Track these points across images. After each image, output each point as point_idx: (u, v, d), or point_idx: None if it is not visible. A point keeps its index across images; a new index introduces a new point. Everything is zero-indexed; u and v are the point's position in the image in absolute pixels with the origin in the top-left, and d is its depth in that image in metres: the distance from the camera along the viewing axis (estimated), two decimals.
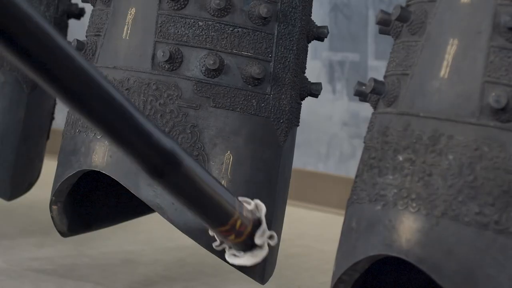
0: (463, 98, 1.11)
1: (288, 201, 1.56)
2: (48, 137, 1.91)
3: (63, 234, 1.59)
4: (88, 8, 1.76)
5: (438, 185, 1.09)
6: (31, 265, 1.70)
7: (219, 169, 1.40)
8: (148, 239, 2.03)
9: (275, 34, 1.45)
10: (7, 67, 1.77)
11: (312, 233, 2.34)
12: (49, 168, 2.17)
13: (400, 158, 1.13)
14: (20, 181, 1.84)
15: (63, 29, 1.89)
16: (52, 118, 1.92)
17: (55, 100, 1.92)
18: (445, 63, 1.14)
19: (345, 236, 1.20)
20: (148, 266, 1.80)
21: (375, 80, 1.21)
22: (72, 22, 2.00)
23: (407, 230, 1.10)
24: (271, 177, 1.45)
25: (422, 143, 1.12)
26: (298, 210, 2.62)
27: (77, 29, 2.37)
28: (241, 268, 1.44)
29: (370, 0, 2.71)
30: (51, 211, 1.54)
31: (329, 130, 2.79)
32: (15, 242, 1.87)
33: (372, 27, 2.71)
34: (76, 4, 1.91)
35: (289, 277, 1.78)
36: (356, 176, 1.22)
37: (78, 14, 1.91)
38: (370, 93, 1.22)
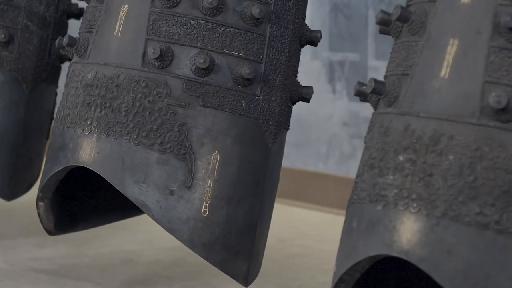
0: (463, 98, 1.11)
1: (289, 201, 1.56)
2: (48, 137, 1.91)
3: (50, 233, 1.58)
4: None
5: (439, 185, 1.09)
6: (31, 265, 1.70)
7: (205, 168, 1.40)
8: (148, 239, 2.03)
9: (267, 35, 1.45)
10: (7, 67, 1.77)
11: (312, 233, 2.34)
12: None
13: (401, 158, 1.13)
14: (20, 181, 1.84)
15: (63, 29, 1.89)
16: (52, 118, 1.92)
17: (55, 100, 1.92)
18: (445, 63, 1.14)
19: (346, 236, 1.20)
20: (148, 266, 1.79)
21: (376, 80, 1.21)
22: (72, 22, 2.00)
23: (407, 230, 1.10)
24: (258, 178, 1.45)
25: (423, 143, 1.12)
26: (298, 210, 2.62)
27: (77, 29, 2.37)
28: (225, 270, 1.43)
29: (370, 0, 2.71)
30: (37, 207, 1.54)
31: (329, 130, 2.79)
32: (15, 242, 1.87)
33: (372, 27, 2.71)
34: (76, 4, 1.91)
35: (289, 277, 1.78)
36: (357, 176, 1.22)
37: (78, 14, 1.91)
38: (370, 93, 1.22)
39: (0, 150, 1.78)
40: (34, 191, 1.95)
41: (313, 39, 1.53)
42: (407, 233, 1.10)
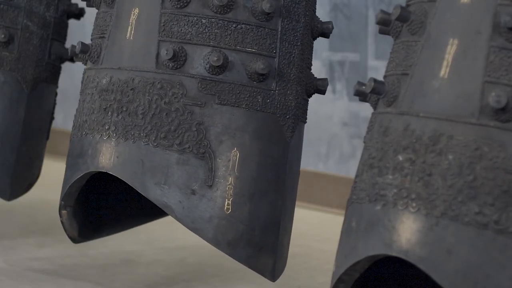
0: (463, 98, 1.11)
1: None
2: (48, 137, 1.91)
3: (74, 240, 1.59)
4: (88, 8, 1.76)
5: (438, 185, 1.09)
6: (31, 265, 1.70)
7: (226, 166, 1.40)
8: (148, 239, 2.03)
9: (279, 29, 1.45)
10: (7, 67, 1.77)
11: (312, 233, 2.34)
12: (49, 168, 2.17)
13: (400, 158, 1.13)
14: (20, 181, 1.84)
15: (63, 29, 1.89)
16: (52, 118, 1.92)
17: (55, 100, 1.92)
18: (445, 63, 1.14)
19: (345, 236, 1.21)
20: (148, 266, 1.80)
21: (375, 80, 1.21)
22: (72, 22, 2.00)
23: (407, 230, 1.10)
24: (279, 173, 1.45)
25: (422, 143, 1.12)
26: (298, 210, 2.62)
27: (77, 29, 2.37)
28: (251, 266, 1.44)
29: (370, 0, 2.71)
30: (60, 216, 1.54)
31: (329, 130, 2.79)
32: (15, 242, 1.87)
33: (372, 27, 2.71)
34: (76, 4, 1.91)
35: (289, 277, 1.78)
36: (356, 176, 1.22)
37: (78, 14, 1.91)
38: (370, 93, 1.22)
39: (0, 150, 1.78)
40: (34, 191, 1.96)
41: (324, 31, 1.53)
42: (406, 233, 1.10)
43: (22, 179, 1.85)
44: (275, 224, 1.45)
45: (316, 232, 2.35)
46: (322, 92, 1.54)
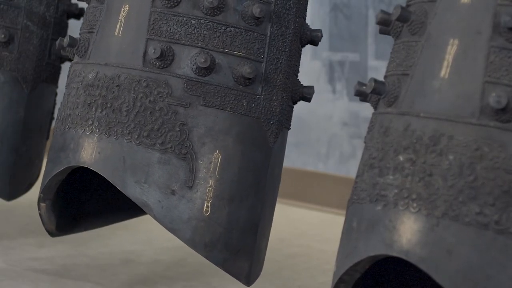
0: (463, 98, 1.11)
1: (288, 201, 1.56)
2: (48, 137, 1.91)
3: (51, 234, 1.59)
4: None
5: (439, 185, 1.09)
6: (31, 265, 1.70)
7: (207, 168, 1.40)
8: (148, 239, 2.03)
9: (268, 35, 1.45)
10: (7, 67, 1.77)
11: (312, 233, 2.34)
12: None
13: (401, 158, 1.13)
14: (20, 181, 1.84)
15: (63, 29, 1.89)
16: (52, 118, 1.92)
17: (55, 100, 1.92)
18: (445, 63, 1.14)
19: (346, 236, 1.21)
20: (148, 266, 1.80)
21: (376, 80, 1.21)
22: (72, 22, 2.00)
23: (407, 230, 1.10)
24: (260, 177, 1.45)
25: (423, 143, 1.12)
26: (298, 210, 2.62)
27: (77, 29, 2.37)
28: (227, 269, 1.44)
29: (370, 0, 2.71)
30: (39, 208, 1.54)
31: (329, 130, 2.79)
32: (15, 242, 1.87)
33: (372, 27, 2.71)
34: (76, 4, 1.91)
35: (289, 277, 1.78)
36: (357, 176, 1.22)
37: (78, 14, 1.92)
38: (370, 93, 1.22)
39: (0, 150, 1.78)
40: (34, 191, 1.95)
41: (314, 39, 1.53)
42: (407, 233, 1.10)
43: (22, 179, 1.85)
44: (254, 228, 1.45)
45: (316, 232, 2.35)
46: (308, 99, 1.53)
